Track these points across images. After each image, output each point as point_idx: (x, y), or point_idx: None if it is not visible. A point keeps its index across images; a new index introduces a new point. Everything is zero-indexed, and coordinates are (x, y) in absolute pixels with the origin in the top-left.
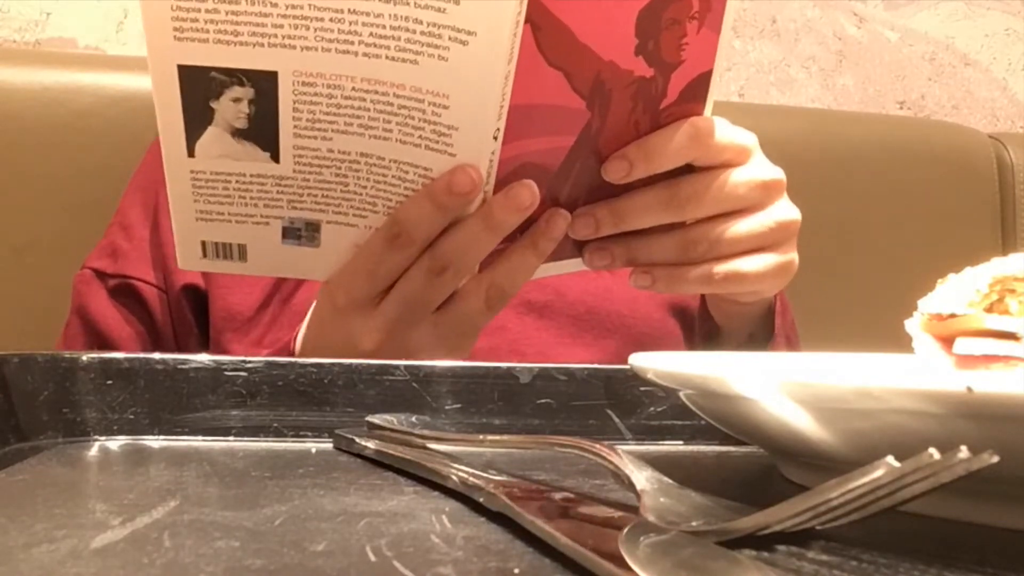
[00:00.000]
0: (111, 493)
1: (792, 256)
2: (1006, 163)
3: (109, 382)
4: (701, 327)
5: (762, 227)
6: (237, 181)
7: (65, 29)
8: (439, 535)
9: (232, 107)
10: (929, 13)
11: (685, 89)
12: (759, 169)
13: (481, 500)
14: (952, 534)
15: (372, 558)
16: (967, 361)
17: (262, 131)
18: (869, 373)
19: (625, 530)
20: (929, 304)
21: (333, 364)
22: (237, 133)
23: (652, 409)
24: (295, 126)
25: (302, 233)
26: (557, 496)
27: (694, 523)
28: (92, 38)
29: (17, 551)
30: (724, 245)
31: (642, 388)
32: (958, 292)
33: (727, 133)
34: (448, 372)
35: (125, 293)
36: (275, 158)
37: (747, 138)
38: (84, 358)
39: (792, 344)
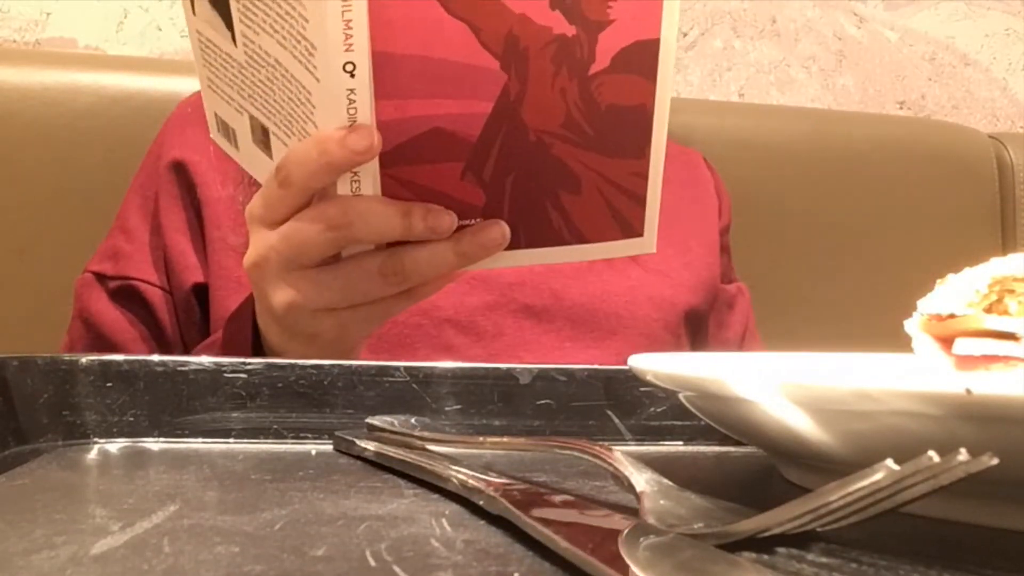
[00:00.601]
0: (111, 497)
1: None
2: (1006, 163)
3: (109, 384)
4: None
5: None
6: (219, 56)
7: (65, 29)
8: (439, 539)
9: None
10: (929, 13)
11: (620, 56)
12: None
13: (481, 503)
14: (952, 536)
15: (372, 563)
16: (967, 361)
17: (223, 4)
18: (868, 374)
19: (625, 532)
20: (929, 304)
21: (333, 366)
22: (211, 1)
23: (652, 410)
24: (238, 9)
25: (260, 138)
26: (557, 499)
27: (694, 525)
28: (92, 38)
29: (17, 557)
30: None
31: (642, 389)
32: (957, 292)
33: None
34: (448, 373)
35: (127, 295)
36: (234, 40)
37: None
38: (83, 360)
39: None
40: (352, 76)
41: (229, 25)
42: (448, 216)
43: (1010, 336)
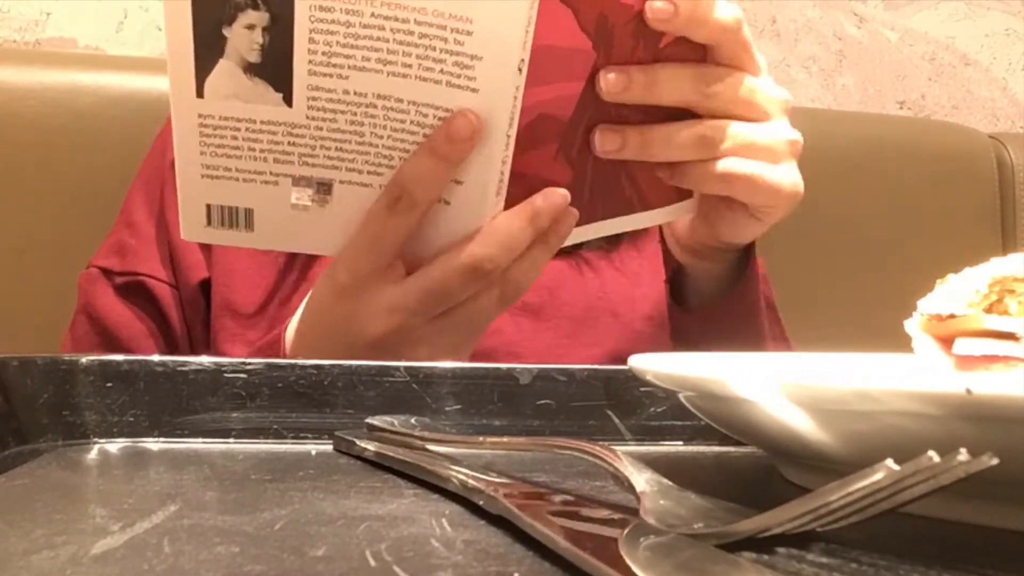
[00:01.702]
0: (111, 497)
1: (799, 180)
2: (1006, 163)
3: (109, 384)
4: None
5: (776, 138)
6: (247, 129)
7: (65, 29)
8: (439, 539)
9: (245, 35)
10: (929, 13)
11: None
12: (773, 85)
13: (481, 503)
14: (952, 536)
15: (372, 563)
16: (967, 362)
17: (275, 66)
18: (869, 374)
19: (625, 532)
20: (929, 304)
21: (333, 366)
22: (249, 68)
23: (652, 409)
24: (310, 60)
25: (312, 196)
26: (557, 499)
27: (694, 525)
28: (92, 38)
29: (16, 558)
30: (741, 147)
31: (642, 388)
32: (957, 292)
33: (746, 40)
34: (448, 373)
35: (134, 290)
36: (287, 100)
37: (759, 58)
38: (83, 360)
39: (773, 338)
40: (520, 72)
41: (282, 87)
42: (559, 194)
43: (1010, 336)
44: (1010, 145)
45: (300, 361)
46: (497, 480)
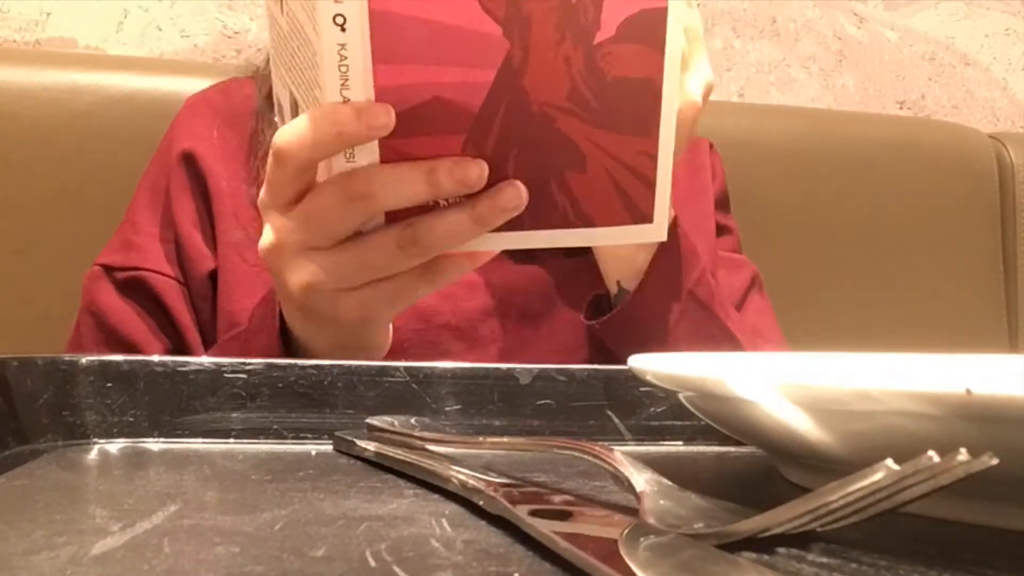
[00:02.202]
0: (111, 498)
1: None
2: (1006, 163)
3: (109, 385)
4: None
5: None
6: (274, 30)
7: (65, 29)
8: (439, 539)
9: None
10: (929, 13)
11: (625, 24)
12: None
13: (481, 503)
14: (952, 535)
15: (372, 563)
16: None
17: None
18: (868, 374)
19: (625, 532)
20: None
21: (333, 366)
22: None
23: (652, 410)
24: None
25: (294, 112)
26: (557, 499)
27: (694, 525)
28: (92, 38)
29: (16, 558)
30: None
31: (642, 389)
32: None
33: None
34: (448, 373)
35: (135, 287)
36: (282, 9)
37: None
38: (83, 361)
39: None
40: (343, 30)
41: None
42: (476, 165)
43: None
44: (1010, 145)
45: (300, 361)
46: (497, 480)
